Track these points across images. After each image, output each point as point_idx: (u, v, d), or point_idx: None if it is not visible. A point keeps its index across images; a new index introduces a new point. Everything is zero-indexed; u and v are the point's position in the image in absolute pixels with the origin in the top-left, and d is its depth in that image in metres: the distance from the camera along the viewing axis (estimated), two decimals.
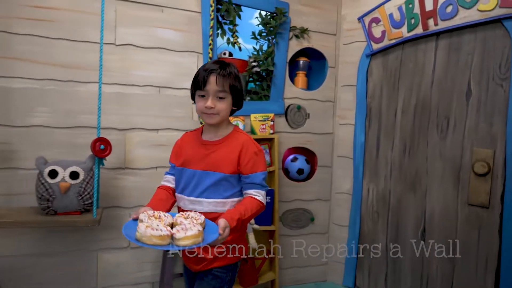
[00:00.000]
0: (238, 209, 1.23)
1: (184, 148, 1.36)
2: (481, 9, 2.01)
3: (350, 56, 2.60)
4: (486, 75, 2.04)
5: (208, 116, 1.27)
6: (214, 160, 1.28)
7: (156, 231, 0.98)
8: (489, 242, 2.01)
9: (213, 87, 1.24)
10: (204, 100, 1.26)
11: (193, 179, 1.29)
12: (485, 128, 2.04)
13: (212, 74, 1.23)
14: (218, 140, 1.31)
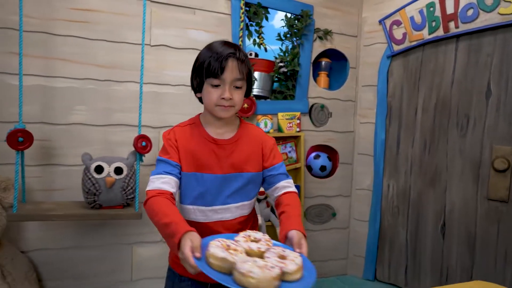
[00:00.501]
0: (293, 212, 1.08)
1: (189, 147, 1.10)
2: (502, 13, 2.10)
3: (370, 57, 2.69)
4: (505, 76, 2.13)
5: (225, 109, 1.07)
6: (237, 160, 1.12)
7: (272, 271, 0.72)
8: (508, 235, 2.11)
9: (231, 74, 1.03)
10: (218, 91, 1.05)
11: (217, 185, 1.10)
12: (504, 127, 2.13)
13: (231, 59, 1.03)
14: (233, 137, 1.14)
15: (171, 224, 0.90)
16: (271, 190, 1.19)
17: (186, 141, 1.10)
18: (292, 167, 2.40)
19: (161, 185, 1.03)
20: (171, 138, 1.11)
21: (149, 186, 1.05)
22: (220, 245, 0.80)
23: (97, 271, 2.09)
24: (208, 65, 1.04)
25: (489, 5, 2.14)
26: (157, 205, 0.98)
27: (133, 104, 2.09)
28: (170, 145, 1.09)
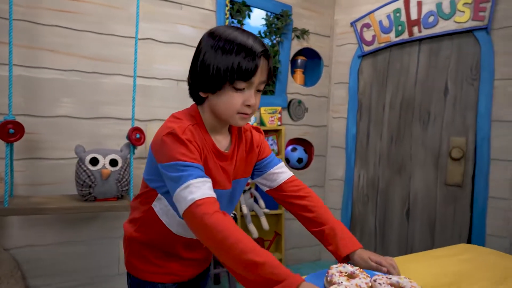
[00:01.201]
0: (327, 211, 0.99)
1: (203, 158, 0.87)
2: (457, 21, 2.40)
3: (342, 56, 2.89)
4: (460, 76, 2.43)
5: (245, 117, 0.86)
6: (239, 170, 0.96)
7: None
8: (462, 215, 2.41)
9: (260, 76, 0.84)
10: (242, 95, 0.83)
11: (225, 201, 0.94)
12: (459, 121, 2.43)
13: (263, 58, 0.82)
14: (232, 145, 0.95)
15: (267, 266, 0.70)
16: (267, 174, 1.02)
17: (200, 147, 0.85)
18: None
19: (210, 192, 0.78)
20: (190, 139, 0.82)
21: (192, 193, 0.76)
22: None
23: (82, 266, 2.06)
24: (239, 65, 0.79)
25: (447, 13, 2.42)
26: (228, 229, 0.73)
27: (121, 97, 2.09)
28: (194, 149, 0.82)
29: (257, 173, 1.03)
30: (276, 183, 1.01)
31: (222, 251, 0.73)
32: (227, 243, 0.72)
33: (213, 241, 0.74)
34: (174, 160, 0.79)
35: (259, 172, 1.02)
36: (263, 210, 2.44)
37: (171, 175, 0.79)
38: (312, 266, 2.85)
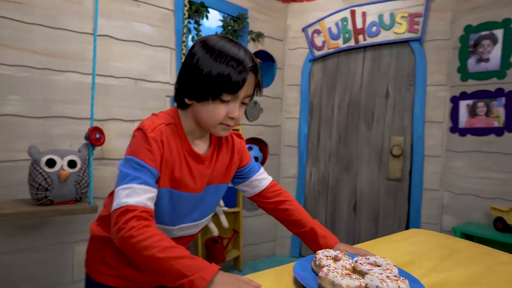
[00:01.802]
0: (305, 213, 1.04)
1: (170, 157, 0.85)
2: (396, 32, 2.67)
3: (295, 60, 3.04)
4: (399, 82, 2.71)
5: (227, 128, 0.87)
6: (216, 175, 0.96)
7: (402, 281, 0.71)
8: (401, 206, 2.69)
9: (246, 90, 0.85)
10: (226, 107, 0.84)
11: (192, 204, 0.93)
12: (399, 122, 2.71)
13: (251, 74, 0.84)
14: (211, 148, 0.95)
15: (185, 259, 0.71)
16: (249, 181, 1.05)
17: (168, 148, 0.85)
18: None
19: (147, 202, 0.77)
20: (157, 139, 0.82)
21: (130, 196, 0.75)
22: (342, 273, 0.72)
23: (35, 275, 1.93)
24: (228, 78, 0.79)
25: (387, 25, 2.68)
26: (145, 235, 0.73)
27: (74, 95, 1.99)
28: (156, 149, 0.81)
29: (239, 180, 1.05)
30: (258, 189, 1.05)
31: (138, 257, 0.73)
32: (149, 250, 0.71)
33: (133, 246, 0.73)
34: (133, 156, 0.80)
35: (241, 179, 1.05)
36: (222, 208, 2.48)
37: (123, 169, 0.80)
38: (268, 262, 2.96)
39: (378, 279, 0.70)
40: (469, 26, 2.46)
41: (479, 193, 2.40)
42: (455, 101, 2.52)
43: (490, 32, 2.38)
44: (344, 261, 0.81)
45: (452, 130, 2.53)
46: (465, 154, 2.48)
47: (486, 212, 2.36)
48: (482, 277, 0.90)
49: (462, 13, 2.49)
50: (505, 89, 2.30)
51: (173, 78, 2.38)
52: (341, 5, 2.85)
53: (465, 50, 2.48)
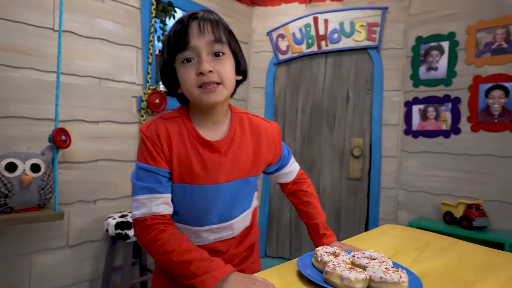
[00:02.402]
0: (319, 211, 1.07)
1: (175, 150, 0.83)
2: (356, 39, 2.82)
3: (260, 63, 3.09)
4: (358, 86, 2.87)
5: (209, 91, 0.79)
6: (236, 164, 0.88)
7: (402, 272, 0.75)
8: (361, 204, 2.85)
9: (202, 39, 0.78)
10: (193, 67, 0.79)
11: (210, 198, 0.86)
12: (358, 124, 2.87)
13: (194, 22, 0.79)
14: (228, 133, 0.87)
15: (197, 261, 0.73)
16: (278, 174, 1.04)
17: (171, 141, 0.82)
18: None
19: (155, 209, 0.78)
20: (153, 135, 0.81)
21: (138, 209, 0.79)
22: (345, 267, 0.75)
23: None
24: (169, 38, 0.80)
25: (347, 32, 2.83)
26: (163, 241, 0.76)
27: (33, 93, 1.85)
28: (154, 147, 0.81)
29: (270, 173, 1.04)
30: (284, 181, 1.07)
31: (165, 262, 0.77)
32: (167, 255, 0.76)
33: (154, 256, 0.79)
34: (137, 160, 0.83)
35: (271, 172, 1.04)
36: None
37: (132, 181, 0.83)
38: None
39: (380, 270, 0.75)
40: (419, 37, 2.68)
41: (430, 190, 2.62)
42: (408, 106, 2.73)
43: (438, 44, 2.62)
44: (343, 256, 0.85)
45: (406, 132, 2.74)
46: (417, 154, 2.69)
47: (436, 207, 2.58)
48: (457, 265, 1.00)
49: (414, 25, 2.71)
50: (451, 96, 2.55)
51: (140, 78, 2.30)
52: (304, 12, 2.95)
53: (417, 59, 2.70)
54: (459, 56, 2.52)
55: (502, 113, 2.36)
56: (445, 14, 2.58)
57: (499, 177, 2.34)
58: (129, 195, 2.29)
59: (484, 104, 2.42)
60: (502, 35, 2.38)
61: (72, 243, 2.05)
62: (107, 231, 1.98)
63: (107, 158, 2.17)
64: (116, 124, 2.20)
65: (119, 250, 2.21)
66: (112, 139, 2.18)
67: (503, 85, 2.36)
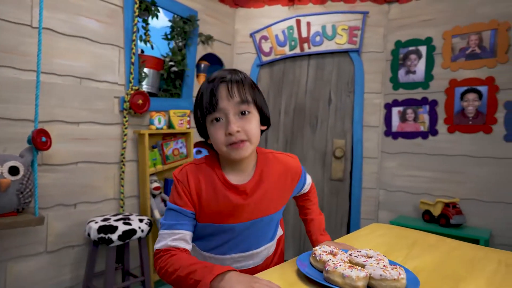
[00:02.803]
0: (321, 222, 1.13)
1: (204, 194, 0.91)
2: (337, 42, 2.88)
3: (242, 64, 3.09)
4: (340, 89, 2.92)
5: (237, 147, 0.87)
6: (261, 204, 0.95)
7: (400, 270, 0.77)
8: (343, 204, 2.90)
9: (229, 101, 0.86)
10: (222, 126, 0.87)
11: (236, 235, 0.95)
12: (340, 125, 2.92)
13: (222, 85, 0.87)
14: (253, 177, 0.94)
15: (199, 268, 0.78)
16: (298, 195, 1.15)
17: (201, 184, 0.91)
18: (182, 162, 2.53)
19: (171, 243, 0.87)
20: (183, 180, 0.91)
21: (158, 243, 0.89)
22: (345, 266, 0.77)
23: None
24: (201, 99, 0.89)
25: (329, 35, 2.88)
26: (171, 263, 0.83)
27: (9, 93, 1.77)
28: (183, 190, 0.90)
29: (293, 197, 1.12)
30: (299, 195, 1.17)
31: (173, 283, 0.84)
32: (172, 275, 0.83)
33: (166, 280, 0.86)
34: (168, 201, 0.94)
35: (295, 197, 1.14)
36: None
37: (161, 220, 0.93)
38: None
39: (379, 268, 0.77)
40: (398, 41, 2.77)
41: (409, 189, 2.71)
42: (388, 108, 2.81)
43: (416, 48, 2.71)
44: (341, 255, 0.87)
45: (386, 133, 2.82)
46: (397, 155, 2.77)
47: (415, 206, 2.66)
48: (446, 260, 1.03)
49: (393, 29, 2.79)
50: (429, 98, 2.64)
51: (122, 78, 2.25)
52: (287, 14, 2.98)
53: (396, 62, 2.78)
54: (436, 60, 2.62)
55: (476, 115, 2.47)
56: (422, 20, 2.68)
57: (474, 176, 2.45)
58: (111, 197, 2.23)
59: (460, 107, 2.52)
60: (475, 41, 2.49)
61: (51, 249, 1.97)
62: (88, 236, 1.92)
63: (88, 160, 2.10)
64: (98, 125, 2.14)
65: (100, 255, 2.15)
66: (93, 140, 2.12)
67: (477, 88, 2.47)
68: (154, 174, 2.39)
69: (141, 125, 2.38)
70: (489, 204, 2.39)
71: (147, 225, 2.02)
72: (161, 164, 2.40)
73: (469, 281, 0.88)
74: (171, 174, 2.58)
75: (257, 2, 3.03)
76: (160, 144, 2.39)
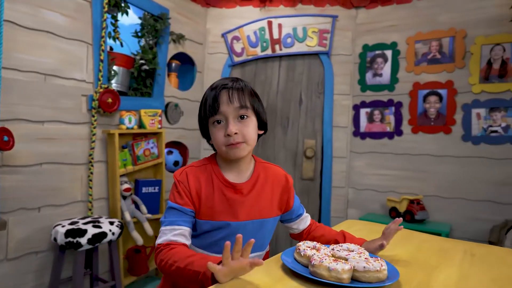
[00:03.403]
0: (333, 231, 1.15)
1: (203, 192, 0.98)
2: (308, 45, 2.94)
3: (214, 64, 3.07)
4: (310, 90, 2.99)
5: (234, 147, 0.95)
6: (256, 205, 1.01)
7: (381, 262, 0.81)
8: (314, 203, 2.97)
9: (230, 106, 0.95)
10: (222, 128, 0.96)
11: (234, 234, 0.92)
12: (311, 126, 2.98)
13: (224, 91, 0.96)
14: (251, 178, 1.02)
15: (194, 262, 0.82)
16: (293, 223, 1.15)
17: (200, 184, 0.98)
18: (154, 162, 2.47)
19: (172, 238, 0.92)
20: (183, 180, 0.98)
21: (159, 238, 0.94)
22: (330, 260, 0.79)
23: None
24: (205, 102, 0.99)
25: (300, 37, 2.94)
26: (170, 255, 0.87)
27: None
28: (183, 189, 0.97)
29: (283, 220, 1.14)
30: (298, 230, 1.16)
31: (173, 274, 0.87)
32: (171, 267, 0.86)
33: (165, 272, 0.89)
34: (168, 199, 1.00)
35: (285, 221, 1.15)
36: (146, 215, 2.35)
37: (161, 220, 0.98)
38: None
39: (362, 260, 0.80)
40: (366, 45, 2.88)
41: (376, 188, 2.82)
42: (356, 109, 2.91)
43: (382, 52, 2.83)
44: (324, 250, 0.89)
45: (354, 134, 2.91)
46: (365, 155, 2.87)
47: (382, 203, 2.78)
48: (417, 252, 1.09)
49: (360, 33, 2.90)
50: (394, 100, 2.77)
51: (90, 76, 2.16)
52: (258, 15, 3.00)
53: (364, 65, 2.89)
54: (401, 64, 2.75)
55: (437, 116, 2.62)
56: (388, 25, 2.80)
57: (435, 174, 2.60)
58: (79, 200, 2.14)
59: (422, 109, 2.67)
60: (436, 47, 2.64)
61: (11, 256, 1.85)
62: (55, 240, 1.83)
63: (53, 161, 2.00)
64: (64, 124, 2.04)
65: (67, 261, 2.05)
66: (59, 140, 2.02)
67: (438, 91, 2.62)
68: (124, 175, 2.32)
69: (110, 125, 2.30)
70: (449, 200, 2.54)
71: (118, 227, 1.95)
72: (131, 164, 2.33)
73: (441, 269, 0.94)
74: (142, 175, 2.51)
75: (229, 3, 3.03)
76: (130, 144, 2.32)
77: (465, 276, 0.91)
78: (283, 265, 0.89)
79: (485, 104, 2.47)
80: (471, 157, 2.49)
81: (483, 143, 2.47)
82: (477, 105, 2.49)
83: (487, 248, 1.19)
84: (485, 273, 0.94)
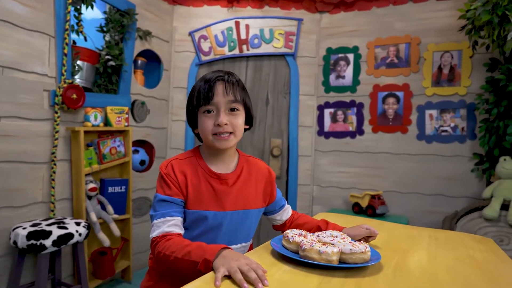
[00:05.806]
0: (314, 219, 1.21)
1: (189, 183, 1.00)
2: (275, 46, 3.02)
3: (181, 63, 3.04)
4: (277, 90, 3.06)
5: (222, 139, 0.98)
6: (241, 196, 1.04)
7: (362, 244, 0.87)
8: None
9: (224, 98, 0.98)
10: (212, 118, 0.98)
11: (219, 223, 1.01)
12: (277, 125, 3.06)
13: (219, 82, 0.98)
14: (236, 170, 1.05)
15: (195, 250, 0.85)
16: (277, 214, 1.20)
17: (186, 175, 1.00)
18: (120, 161, 2.39)
19: (167, 229, 0.93)
20: (169, 172, 0.99)
21: (154, 232, 0.95)
22: (320, 244, 0.84)
23: None
24: (198, 92, 0.99)
25: (267, 38, 3.01)
26: (168, 246, 0.89)
27: None
28: (171, 181, 0.98)
29: (267, 212, 1.19)
30: (281, 221, 1.22)
31: (171, 264, 0.88)
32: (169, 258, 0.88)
33: (163, 263, 0.91)
34: (156, 192, 1.00)
35: (269, 213, 1.20)
36: (112, 216, 2.27)
37: (150, 214, 1.00)
38: None
39: (348, 243, 0.86)
40: (329, 48, 3.01)
41: (340, 184, 2.95)
42: (320, 109, 3.03)
43: (345, 55, 2.98)
44: (310, 236, 0.94)
45: (319, 133, 3.03)
46: (329, 153, 3.00)
47: (345, 199, 2.91)
48: (391, 238, 1.18)
49: (324, 37, 3.03)
50: (356, 101, 2.92)
51: (53, 70, 2.06)
52: (226, 15, 3.02)
53: (327, 67, 3.02)
54: (362, 67, 2.91)
55: (395, 117, 2.80)
56: (350, 30, 2.95)
57: (394, 171, 2.78)
58: (40, 201, 2.02)
59: (382, 109, 2.84)
60: (393, 52, 2.83)
61: None
62: (14, 244, 1.72)
63: (11, 159, 1.88)
64: (24, 120, 1.92)
65: (27, 265, 1.93)
66: (18, 137, 1.90)
67: (395, 93, 2.81)
68: (89, 174, 2.23)
69: (74, 122, 2.20)
70: (406, 195, 2.73)
71: (85, 228, 1.88)
72: (97, 163, 2.24)
73: (412, 252, 1.03)
74: (108, 174, 2.43)
75: (196, 1, 3.02)
76: (96, 143, 2.24)
77: (434, 256, 1.00)
78: (273, 251, 0.93)
79: (436, 106, 2.69)
80: (425, 154, 2.70)
81: (435, 141, 2.68)
82: (430, 106, 2.70)
83: (446, 233, 1.31)
84: (449, 253, 1.04)
